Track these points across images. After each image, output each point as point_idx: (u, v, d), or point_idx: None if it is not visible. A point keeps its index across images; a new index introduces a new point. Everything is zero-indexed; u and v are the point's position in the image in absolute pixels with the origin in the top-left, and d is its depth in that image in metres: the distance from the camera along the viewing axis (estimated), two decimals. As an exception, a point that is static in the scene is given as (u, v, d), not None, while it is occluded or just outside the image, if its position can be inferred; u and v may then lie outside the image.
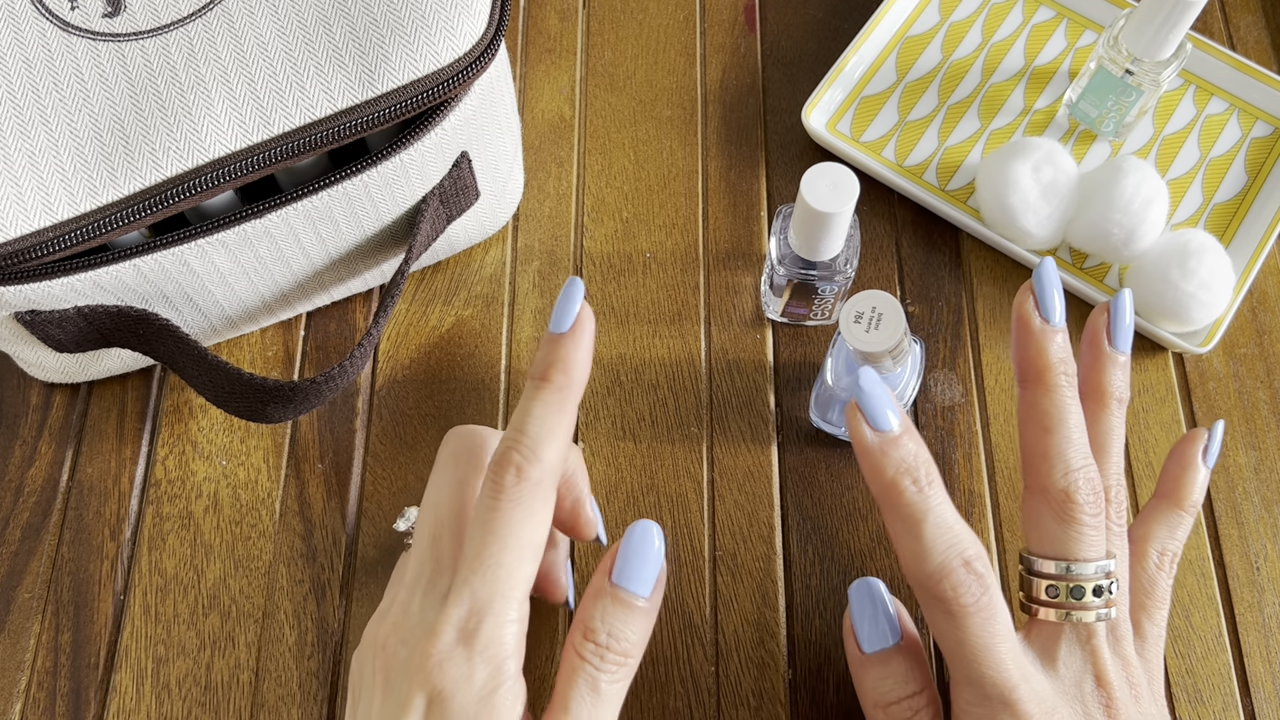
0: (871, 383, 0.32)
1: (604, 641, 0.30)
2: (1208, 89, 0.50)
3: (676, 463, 0.44)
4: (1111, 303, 0.36)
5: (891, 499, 0.32)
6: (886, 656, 0.34)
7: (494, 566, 0.30)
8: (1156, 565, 0.35)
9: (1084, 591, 0.32)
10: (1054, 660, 0.33)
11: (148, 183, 0.35)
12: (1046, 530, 0.33)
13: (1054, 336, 0.34)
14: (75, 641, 0.41)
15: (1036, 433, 0.34)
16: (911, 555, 0.32)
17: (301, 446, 0.44)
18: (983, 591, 0.31)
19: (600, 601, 0.31)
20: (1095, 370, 0.36)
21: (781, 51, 0.52)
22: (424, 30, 0.36)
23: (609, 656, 0.30)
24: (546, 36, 0.52)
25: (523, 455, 0.31)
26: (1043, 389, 0.34)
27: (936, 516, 0.31)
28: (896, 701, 0.33)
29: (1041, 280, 0.34)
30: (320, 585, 0.42)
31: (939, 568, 0.31)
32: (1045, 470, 0.33)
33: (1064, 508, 0.33)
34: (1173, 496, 0.37)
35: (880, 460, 0.32)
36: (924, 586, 0.31)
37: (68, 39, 0.36)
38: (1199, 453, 0.37)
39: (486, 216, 0.45)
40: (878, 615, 0.35)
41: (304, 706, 0.40)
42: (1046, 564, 0.33)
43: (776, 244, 0.42)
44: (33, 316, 0.37)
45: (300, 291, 0.43)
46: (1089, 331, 0.36)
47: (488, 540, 0.31)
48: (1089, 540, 0.33)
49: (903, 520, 0.32)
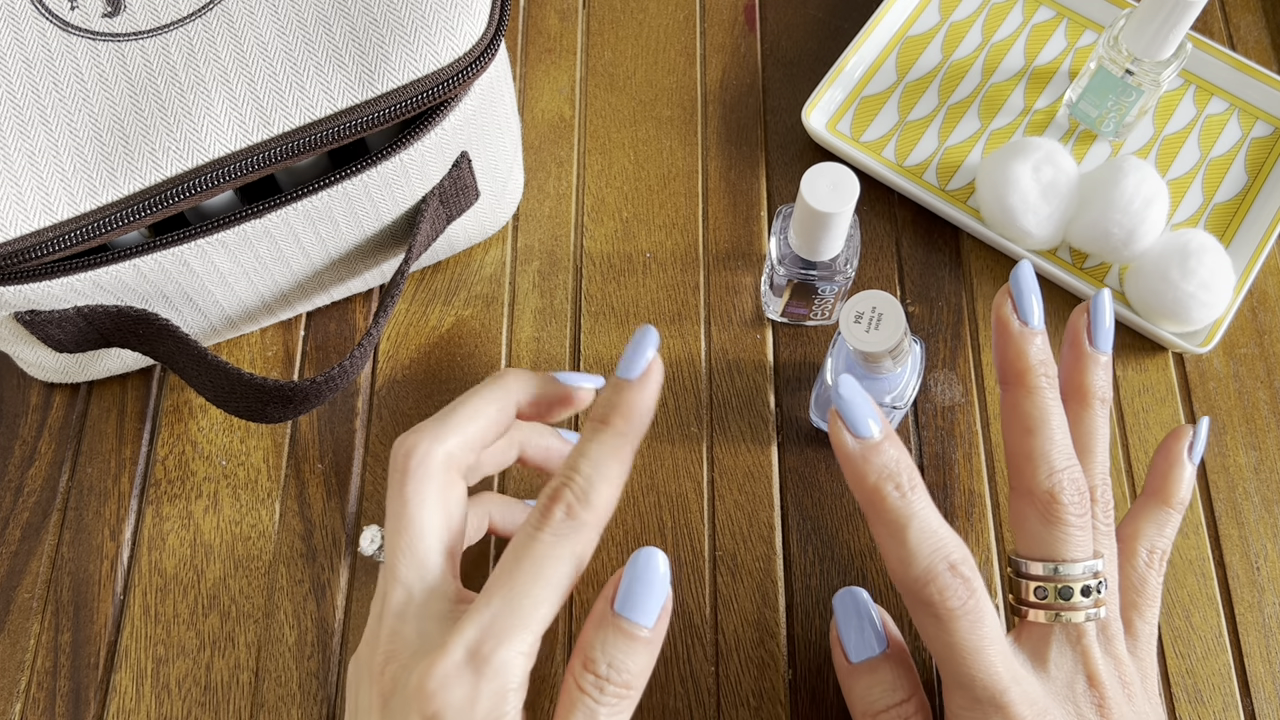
0: (851, 390, 0.32)
1: (604, 673, 0.30)
2: (1208, 89, 0.50)
3: (676, 463, 0.44)
4: (1091, 302, 0.36)
5: (875, 505, 0.32)
6: (874, 665, 0.34)
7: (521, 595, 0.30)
8: (1146, 563, 0.35)
9: (1072, 592, 0.32)
10: (1045, 661, 0.33)
11: (148, 183, 0.35)
12: (1033, 532, 0.33)
13: (1033, 339, 0.34)
14: (75, 641, 0.41)
15: (1019, 434, 0.34)
16: (897, 560, 0.32)
17: (301, 446, 0.44)
18: (969, 595, 0.31)
19: (602, 631, 0.30)
20: (1077, 370, 0.36)
21: (781, 51, 0.52)
22: (424, 30, 0.36)
23: (609, 689, 0.30)
24: (546, 36, 0.52)
25: (575, 495, 0.31)
26: (1024, 391, 0.34)
27: (920, 521, 0.31)
28: (885, 710, 0.33)
29: (1019, 283, 0.35)
30: (320, 585, 0.42)
31: (924, 572, 0.31)
32: (1029, 472, 0.33)
33: (1049, 509, 0.33)
34: (1160, 494, 0.37)
35: (862, 467, 0.32)
36: (910, 591, 0.32)
37: (67, 39, 0.36)
38: (1184, 449, 0.37)
39: (486, 216, 0.45)
40: (863, 625, 0.35)
41: (304, 706, 0.40)
42: (1034, 565, 0.33)
43: (776, 244, 0.42)
44: (33, 316, 0.37)
45: (300, 291, 0.43)
46: (1069, 332, 0.36)
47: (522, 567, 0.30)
48: (1075, 540, 0.33)
49: (887, 526, 0.32)
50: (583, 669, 0.30)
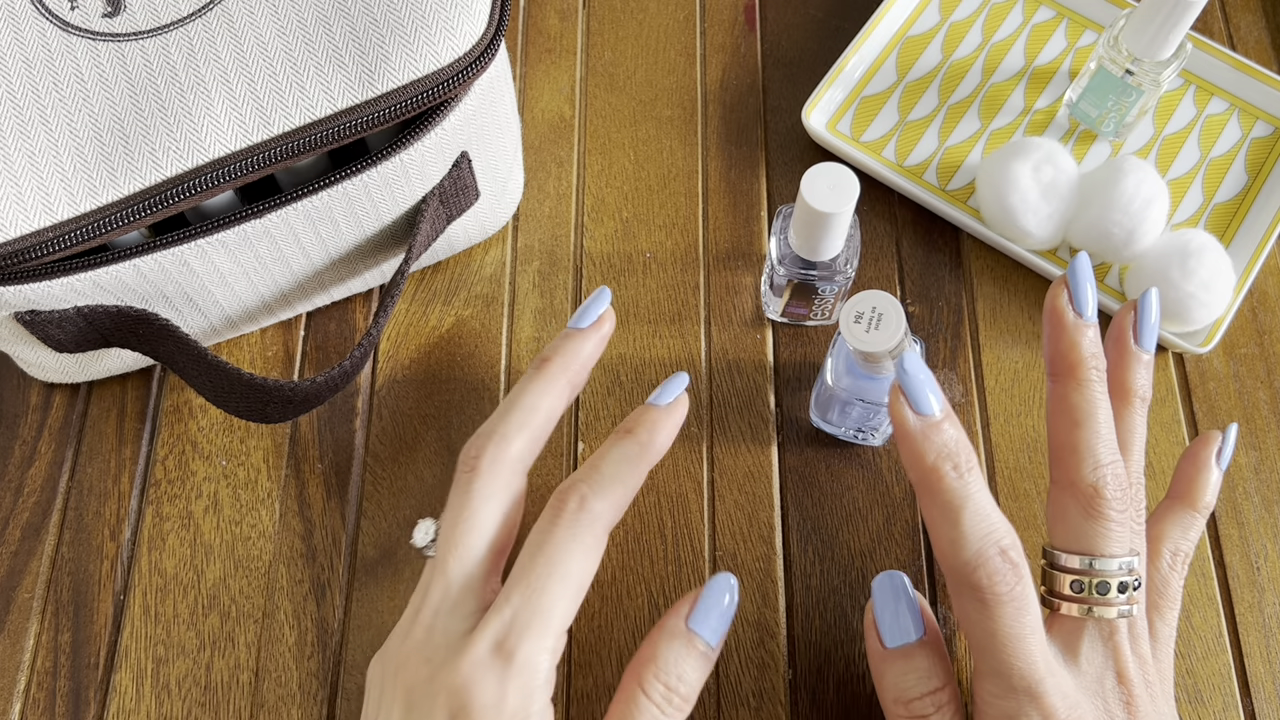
0: (915, 365, 0.32)
1: (673, 685, 0.32)
2: (1208, 89, 0.50)
3: (676, 463, 0.44)
4: (1139, 301, 0.36)
5: (931, 484, 0.32)
6: (909, 651, 0.34)
7: (539, 592, 0.31)
8: (1169, 565, 0.35)
9: (1109, 587, 0.32)
10: (1076, 656, 0.33)
11: (148, 183, 0.35)
12: (1073, 525, 0.33)
13: (1086, 331, 0.34)
14: (75, 641, 0.41)
15: (1066, 426, 0.34)
16: (948, 542, 0.31)
17: (301, 446, 0.44)
18: (1017, 581, 0.31)
19: (675, 643, 0.32)
20: (1120, 368, 0.36)
21: (781, 51, 0.52)
22: (424, 30, 0.36)
23: (675, 700, 0.31)
24: (546, 36, 0.52)
25: (590, 488, 0.32)
26: (1074, 383, 0.34)
27: (975, 504, 0.31)
28: (919, 697, 0.33)
29: (1076, 274, 0.34)
30: (320, 585, 0.42)
31: (975, 555, 0.31)
32: (1074, 464, 0.33)
33: (1092, 503, 0.33)
34: (1186, 497, 0.37)
35: (922, 444, 0.32)
36: (959, 574, 0.31)
37: (67, 39, 0.36)
38: (1213, 455, 0.37)
39: (486, 216, 0.45)
40: (900, 609, 0.34)
41: (304, 706, 0.40)
42: (1071, 559, 0.33)
43: (776, 244, 0.42)
44: (33, 316, 0.37)
45: (300, 291, 0.43)
46: (1115, 329, 0.36)
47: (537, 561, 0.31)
48: (1115, 536, 0.33)
49: (941, 507, 0.31)
50: (653, 678, 0.31)
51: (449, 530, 0.33)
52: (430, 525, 0.38)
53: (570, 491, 0.33)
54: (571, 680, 0.40)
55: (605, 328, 0.37)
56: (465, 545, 0.33)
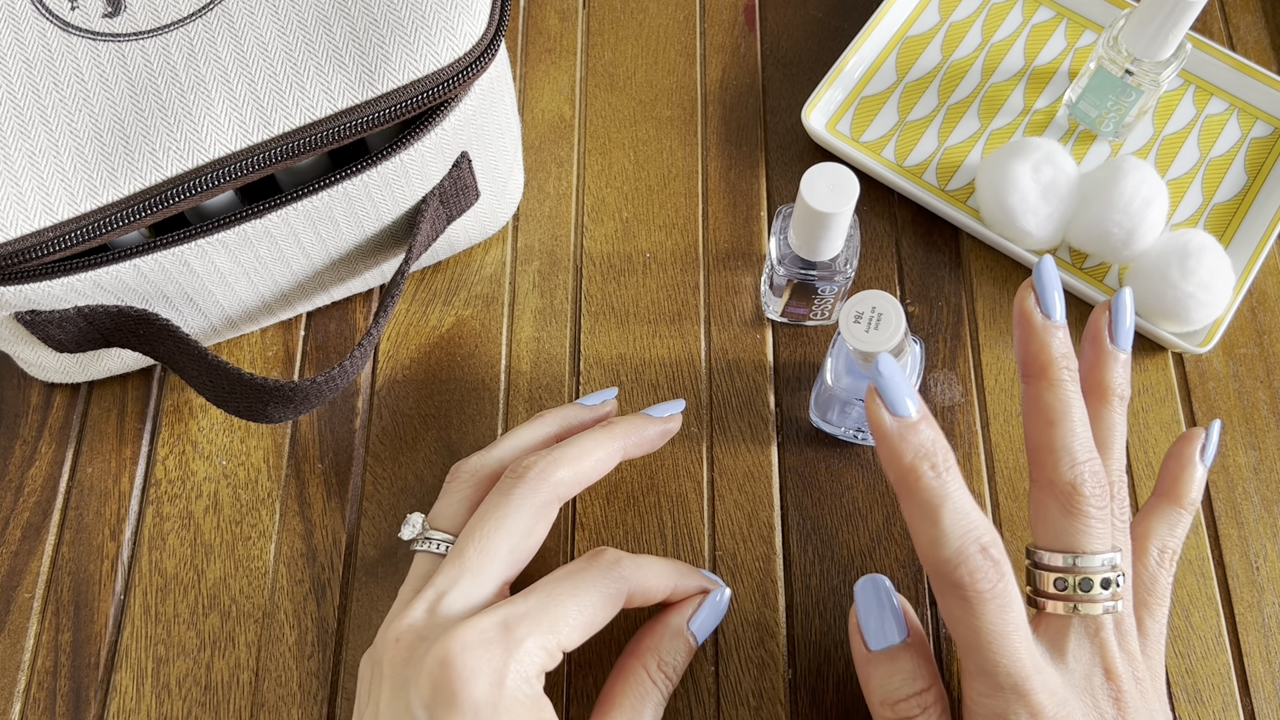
0: (890, 368, 0.32)
1: (671, 675, 0.36)
2: (1208, 89, 0.50)
3: (676, 463, 0.44)
4: (1112, 301, 0.36)
5: (909, 484, 0.32)
6: (893, 654, 0.34)
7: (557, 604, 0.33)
8: (1157, 562, 0.36)
9: (1092, 584, 0.32)
10: (1063, 653, 0.33)
11: (148, 183, 0.35)
12: (1053, 523, 0.33)
13: (1055, 332, 0.34)
14: (75, 641, 0.41)
15: (1041, 426, 0.34)
16: (928, 541, 0.31)
17: (301, 446, 0.44)
18: (999, 578, 0.31)
19: (676, 641, 0.37)
20: (1097, 367, 0.36)
21: (781, 51, 0.52)
22: (424, 30, 0.36)
23: (669, 681, 0.36)
24: (546, 36, 0.52)
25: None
26: (1046, 383, 0.34)
27: (954, 502, 0.31)
28: (904, 699, 0.33)
29: (1042, 278, 0.35)
30: (320, 585, 0.42)
31: (956, 553, 0.31)
32: (1051, 463, 0.33)
33: (1070, 500, 0.33)
34: (1172, 494, 0.37)
35: (899, 445, 0.32)
36: (940, 572, 0.31)
37: (68, 39, 0.36)
38: (1197, 451, 0.37)
39: (486, 216, 0.45)
40: (884, 612, 0.35)
41: (304, 706, 0.40)
42: (1054, 557, 0.33)
43: (776, 244, 0.42)
44: (33, 316, 0.37)
45: (300, 291, 0.43)
46: (1090, 329, 0.36)
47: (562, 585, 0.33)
48: (1095, 533, 0.33)
49: (920, 506, 0.32)
50: (657, 665, 0.36)
51: (477, 523, 0.35)
52: (419, 519, 0.38)
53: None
54: (571, 680, 0.40)
55: (676, 423, 0.41)
56: (490, 540, 0.34)
